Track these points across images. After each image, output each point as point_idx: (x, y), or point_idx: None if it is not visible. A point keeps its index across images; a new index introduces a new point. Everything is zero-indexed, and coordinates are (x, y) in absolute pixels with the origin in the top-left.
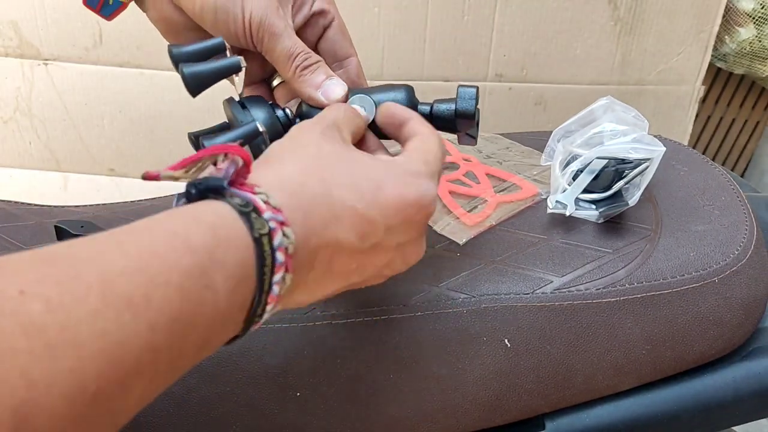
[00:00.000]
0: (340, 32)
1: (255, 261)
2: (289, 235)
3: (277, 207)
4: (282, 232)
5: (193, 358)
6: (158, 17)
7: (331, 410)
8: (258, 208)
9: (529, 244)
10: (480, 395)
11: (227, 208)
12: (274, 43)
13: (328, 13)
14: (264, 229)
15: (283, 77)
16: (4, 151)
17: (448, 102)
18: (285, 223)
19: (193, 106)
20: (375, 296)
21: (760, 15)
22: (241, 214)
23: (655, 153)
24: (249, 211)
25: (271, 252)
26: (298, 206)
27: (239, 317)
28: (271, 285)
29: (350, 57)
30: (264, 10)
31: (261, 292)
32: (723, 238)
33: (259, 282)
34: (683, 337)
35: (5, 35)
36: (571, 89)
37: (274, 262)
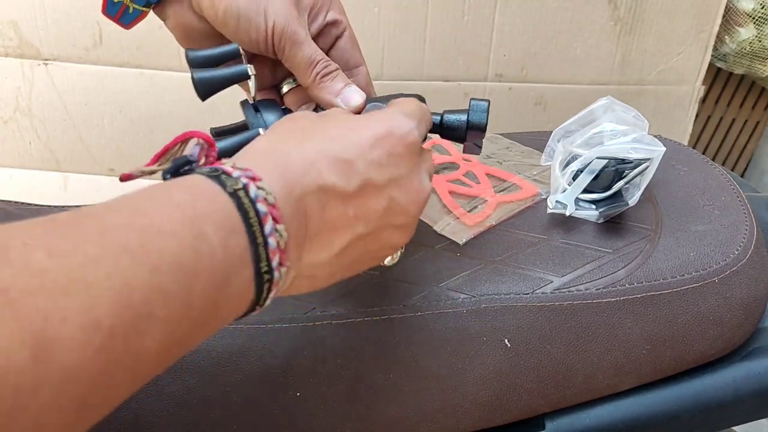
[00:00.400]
0: (351, 42)
1: (238, 214)
2: (263, 187)
3: (244, 167)
4: (256, 186)
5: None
6: (177, 24)
7: (331, 410)
8: (226, 171)
9: (529, 244)
10: (480, 395)
11: (198, 176)
12: (296, 51)
13: (341, 24)
14: (237, 185)
15: (303, 84)
16: (4, 151)
17: (458, 113)
18: (256, 178)
19: (193, 107)
20: (375, 296)
21: (760, 15)
22: (211, 177)
23: (655, 153)
24: (219, 174)
25: (252, 204)
26: (269, 162)
27: (244, 272)
28: (266, 237)
29: (360, 66)
30: (286, 19)
31: (256, 245)
32: (723, 238)
33: (250, 235)
34: (683, 337)
35: (5, 35)
36: (571, 89)
37: (258, 213)
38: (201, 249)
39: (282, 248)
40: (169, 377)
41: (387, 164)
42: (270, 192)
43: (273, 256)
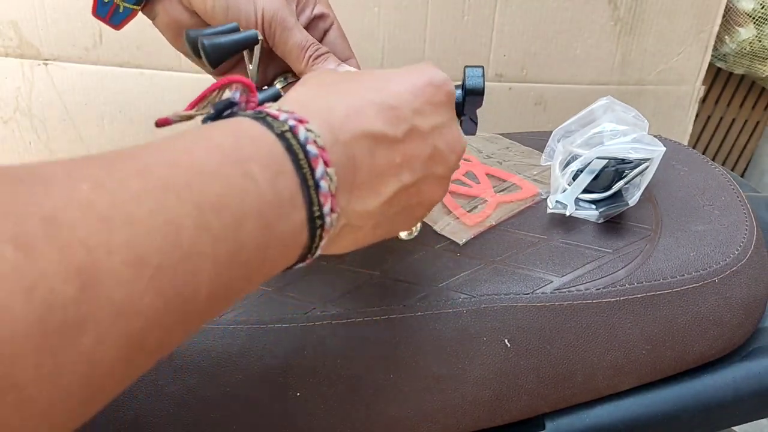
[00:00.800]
0: (340, 35)
1: (287, 155)
2: (312, 129)
3: (290, 111)
4: (305, 128)
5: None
6: (167, 21)
7: (331, 410)
8: (271, 114)
9: (529, 244)
10: (480, 395)
11: (242, 118)
12: (287, 37)
13: (328, 17)
14: (284, 127)
15: (296, 69)
16: (4, 151)
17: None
18: (304, 120)
19: None
20: (375, 296)
21: (760, 15)
22: (256, 119)
23: (655, 153)
24: (264, 116)
25: (301, 146)
26: (314, 108)
27: (295, 215)
28: (317, 181)
29: (350, 59)
30: (275, 6)
31: (307, 187)
32: (723, 238)
33: (301, 177)
34: (683, 337)
35: (5, 35)
36: (571, 89)
37: (308, 156)
38: (248, 188)
39: (333, 193)
40: (169, 377)
41: (430, 112)
42: (318, 135)
43: (325, 201)
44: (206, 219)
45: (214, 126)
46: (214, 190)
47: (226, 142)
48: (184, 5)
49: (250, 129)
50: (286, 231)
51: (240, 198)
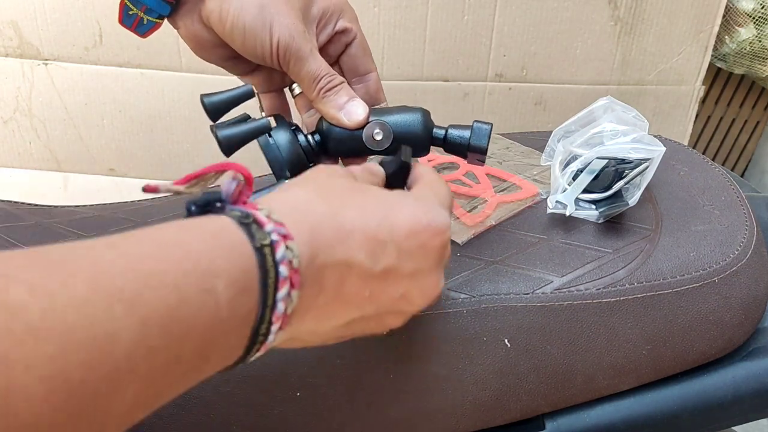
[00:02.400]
0: (362, 49)
1: (258, 272)
2: (293, 248)
3: (279, 221)
4: (285, 245)
5: (193, 368)
6: (189, 34)
7: (331, 410)
8: (259, 221)
9: (529, 244)
10: (480, 395)
11: (227, 220)
12: (300, 67)
13: (351, 31)
14: (266, 240)
15: (308, 97)
16: (4, 151)
17: (462, 129)
18: (288, 236)
19: (194, 107)
20: None
21: (760, 15)
22: (241, 225)
23: (655, 153)
24: (250, 222)
25: (275, 265)
26: (303, 222)
27: (243, 331)
28: (276, 301)
29: (370, 73)
30: (291, 35)
31: (265, 306)
32: (723, 238)
33: (263, 295)
34: (683, 337)
35: (5, 35)
36: (571, 89)
37: (278, 276)
38: (204, 303)
39: (287, 314)
40: None
41: (416, 255)
42: (297, 255)
43: (276, 321)
44: (148, 334)
45: (197, 225)
46: (167, 303)
47: (200, 250)
48: (204, 23)
49: (231, 238)
50: (227, 344)
51: (193, 314)
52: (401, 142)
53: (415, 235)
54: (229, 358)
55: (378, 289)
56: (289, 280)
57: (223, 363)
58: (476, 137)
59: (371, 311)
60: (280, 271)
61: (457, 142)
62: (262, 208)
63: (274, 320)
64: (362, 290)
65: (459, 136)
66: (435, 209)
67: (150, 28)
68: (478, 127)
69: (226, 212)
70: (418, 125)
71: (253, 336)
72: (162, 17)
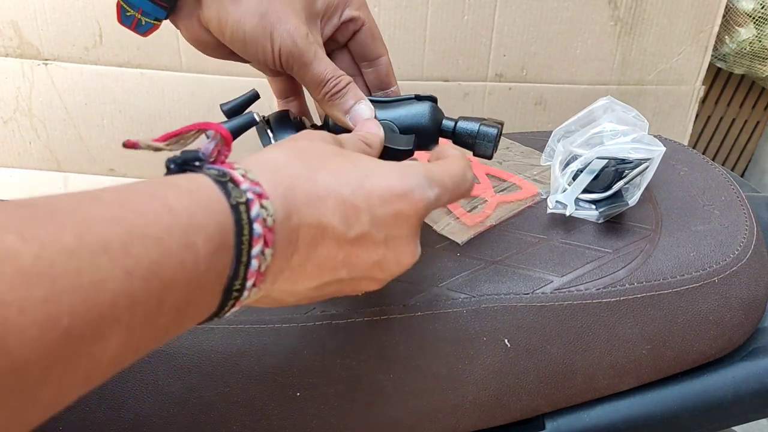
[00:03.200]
0: (371, 36)
1: (233, 229)
2: (267, 207)
3: (255, 180)
4: (260, 204)
5: (172, 321)
6: (190, 37)
7: (331, 410)
8: (235, 180)
9: (529, 244)
10: (480, 395)
11: (204, 178)
12: (304, 72)
13: (358, 19)
14: (241, 198)
15: (315, 100)
16: (4, 151)
17: (472, 122)
18: (263, 195)
19: (193, 106)
20: (375, 296)
21: (760, 15)
22: (217, 183)
23: (655, 153)
24: (226, 180)
25: (249, 222)
26: (279, 182)
27: (218, 287)
28: (250, 258)
29: (379, 57)
30: (293, 41)
31: (239, 263)
32: (723, 238)
33: (237, 252)
34: (683, 337)
35: (5, 35)
36: (571, 89)
37: (252, 233)
38: (185, 259)
39: (261, 271)
40: (169, 377)
41: (390, 223)
42: (271, 214)
43: (250, 278)
44: (132, 285)
45: (175, 183)
46: (149, 257)
47: (180, 206)
48: (204, 27)
49: (208, 195)
50: (203, 300)
51: (174, 268)
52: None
53: (389, 202)
54: (205, 312)
55: (352, 254)
56: (263, 238)
57: (199, 317)
58: (480, 146)
59: (345, 275)
60: (255, 228)
61: (465, 136)
62: (238, 168)
63: (249, 277)
64: (336, 254)
65: (468, 131)
66: (415, 179)
67: (149, 28)
68: (484, 131)
69: (203, 171)
70: (426, 118)
71: (227, 291)
72: (159, 18)
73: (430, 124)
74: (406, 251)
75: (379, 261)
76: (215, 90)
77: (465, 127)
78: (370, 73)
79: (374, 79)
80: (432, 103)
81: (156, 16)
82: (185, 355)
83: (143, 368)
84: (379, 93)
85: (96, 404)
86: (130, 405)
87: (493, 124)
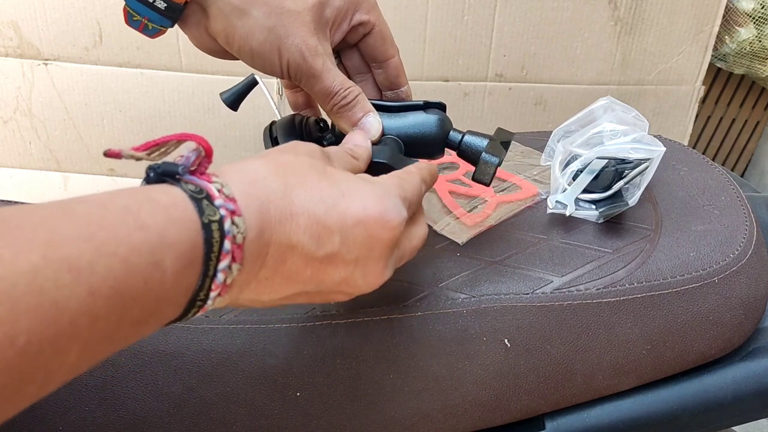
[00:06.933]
0: (380, 38)
1: (203, 247)
2: (238, 224)
3: (230, 196)
4: (231, 221)
5: (130, 333)
6: (198, 45)
7: (331, 410)
8: (210, 195)
9: (529, 244)
10: (480, 395)
11: (180, 193)
12: (312, 84)
13: (368, 23)
14: (214, 216)
15: (323, 110)
16: (4, 151)
17: (480, 138)
18: (236, 212)
19: (193, 106)
20: (375, 296)
21: (760, 15)
22: (192, 200)
23: (655, 153)
24: (201, 197)
25: (220, 240)
26: (255, 197)
27: (182, 300)
28: (216, 272)
29: (389, 59)
30: (301, 55)
31: (205, 277)
32: (723, 238)
33: (205, 267)
34: (683, 337)
35: (5, 35)
36: (571, 89)
37: (222, 249)
38: (151, 276)
39: (227, 284)
40: (169, 377)
41: (362, 244)
42: (242, 231)
43: (215, 289)
44: (94, 305)
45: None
46: (115, 275)
47: (152, 223)
48: (212, 37)
49: (182, 213)
50: (167, 311)
51: (139, 286)
52: (414, 146)
53: (362, 225)
54: (166, 320)
55: (319, 271)
56: (231, 254)
57: (160, 325)
58: (481, 172)
59: (312, 288)
60: (225, 244)
61: (469, 152)
62: (215, 181)
63: (213, 288)
64: (303, 270)
65: (473, 146)
66: (391, 201)
67: (156, 32)
68: (485, 161)
69: (180, 184)
70: (434, 130)
71: (191, 302)
72: (165, 25)
73: (438, 135)
74: (374, 271)
75: (346, 278)
76: (215, 90)
77: (471, 143)
78: (379, 74)
79: (384, 80)
80: (441, 113)
81: (162, 24)
82: (185, 355)
83: (143, 368)
84: (389, 93)
85: (96, 404)
86: (130, 405)
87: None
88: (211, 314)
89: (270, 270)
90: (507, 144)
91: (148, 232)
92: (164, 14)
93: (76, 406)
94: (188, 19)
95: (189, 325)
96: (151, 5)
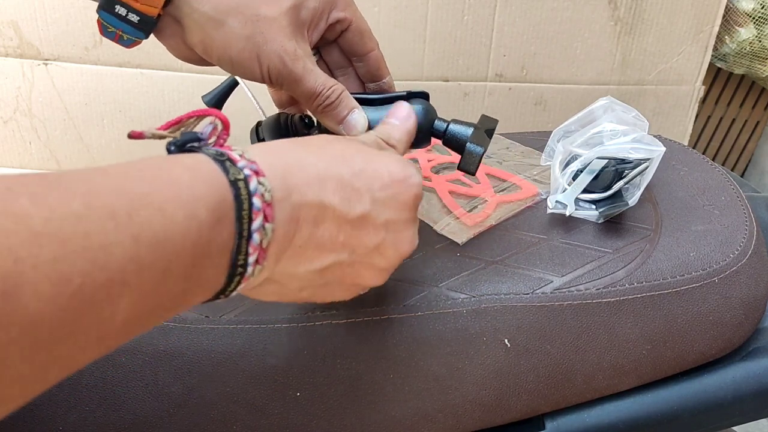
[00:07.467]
0: (358, 33)
1: (233, 203)
2: (264, 183)
3: (251, 159)
4: (257, 180)
5: (180, 290)
6: (177, 55)
7: (331, 410)
8: (232, 159)
9: (529, 244)
10: (480, 395)
11: (203, 156)
12: (295, 88)
13: (345, 20)
14: (239, 175)
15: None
16: (4, 151)
17: (464, 126)
18: (260, 173)
19: (193, 107)
20: (375, 296)
21: (760, 15)
22: (216, 161)
23: (655, 153)
24: (224, 159)
25: (249, 197)
26: (276, 163)
27: (222, 260)
28: (251, 232)
29: (369, 53)
30: (281, 60)
31: (240, 237)
32: (723, 238)
33: (238, 226)
34: (683, 337)
35: (5, 35)
36: (571, 89)
37: (252, 207)
38: (189, 229)
39: (264, 247)
40: (169, 377)
41: (390, 207)
42: (269, 189)
43: (252, 252)
44: (139, 252)
45: (176, 159)
46: (154, 225)
47: (183, 178)
48: (189, 48)
49: (208, 170)
50: (209, 272)
51: (178, 237)
52: None
53: (390, 186)
54: (212, 286)
55: (352, 236)
56: (262, 212)
57: (207, 292)
58: (466, 161)
59: (347, 258)
60: (254, 202)
61: (454, 141)
62: (235, 149)
63: (251, 251)
64: (337, 234)
65: (458, 134)
66: (411, 167)
67: (131, 43)
68: (471, 148)
69: (202, 150)
70: (418, 119)
71: (232, 267)
72: (139, 36)
73: (422, 125)
74: (405, 237)
75: (378, 245)
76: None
77: (455, 132)
78: (360, 67)
79: (366, 72)
80: (424, 102)
81: (136, 36)
82: (185, 355)
83: (143, 368)
84: (371, 86)
85: (96, 404)
86: (130, 405)
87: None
88: (211, 314)
89: (304, 235)
90: (491, 132)
91: (178, 186)
92: (137, 27)
93: (76, 406)
94: (164, 31)
95: (189, 325)
96: (124, 18)
